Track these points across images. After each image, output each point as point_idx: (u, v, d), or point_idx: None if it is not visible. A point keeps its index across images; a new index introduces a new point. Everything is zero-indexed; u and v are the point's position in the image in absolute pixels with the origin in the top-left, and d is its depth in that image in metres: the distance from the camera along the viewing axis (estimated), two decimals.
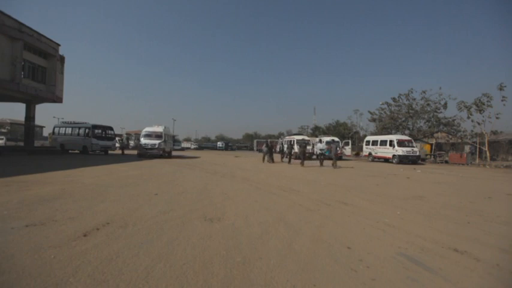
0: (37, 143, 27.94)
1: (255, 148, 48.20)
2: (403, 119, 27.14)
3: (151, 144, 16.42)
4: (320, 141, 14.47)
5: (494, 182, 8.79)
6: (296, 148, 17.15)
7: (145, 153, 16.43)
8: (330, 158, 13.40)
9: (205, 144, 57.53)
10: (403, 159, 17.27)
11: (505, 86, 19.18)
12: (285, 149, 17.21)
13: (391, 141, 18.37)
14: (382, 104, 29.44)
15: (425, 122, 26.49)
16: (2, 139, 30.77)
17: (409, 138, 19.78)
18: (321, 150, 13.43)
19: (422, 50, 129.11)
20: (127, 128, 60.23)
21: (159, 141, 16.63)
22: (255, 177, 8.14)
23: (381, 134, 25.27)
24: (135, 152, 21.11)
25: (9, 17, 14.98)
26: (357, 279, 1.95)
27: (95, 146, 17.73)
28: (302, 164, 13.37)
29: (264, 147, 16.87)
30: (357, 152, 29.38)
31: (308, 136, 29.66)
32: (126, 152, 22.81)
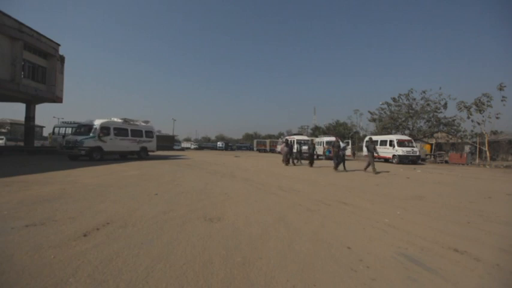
0: (37, 143, 27.90)
1: (255, 148, 48.18)
2: (403, 119, 27.13)
3: (73, 142, 12.11)
4: (342, 140, 11.99)
5: (494, 182, 8.78)
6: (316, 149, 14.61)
7: (69, 154, 12.27)
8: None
9: (205, 144, 57.47)
10: (403, 159, 17.26)
11: (505, 86, 19.17)
12: (306, 150, 14.70)
13: (391, 141, 18.37)
14: (382, 104, 29.47)
15: (425, 122, 26.50)
16: (2, 139, 30.71)
17: (409, 138, 19.78)
18: (342, 149, 11.09)
19: (423, 50, 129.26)
20: None
21: (82, 137, 12.17)
22: (255, 177, 8.14)
23: (381, 134, 25.26)
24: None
25: (9, 17, 14.97)
26: (357, 279, 1.95)
27: None
28: (336, 168, 11.14)
29: (284, 148, 14.15)
30: (353, 152, 29.14)
31: (308, 136, 29.64)
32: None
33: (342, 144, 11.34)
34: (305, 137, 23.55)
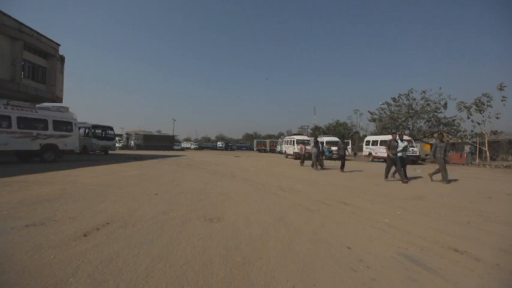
0: None
1: (255, 148, 48.25)
2: (403, 119, 27.13)
3: None
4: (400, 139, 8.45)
5: (494, 182, 8.78)
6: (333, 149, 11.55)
7: None
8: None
9: (205, 144, 57.55)
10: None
11: (505, 86, 19.16)
12: (336, 150, 11.10)
13: None
14: (382, 104, 29.48)
15: (425, 122, 26.50)
16: None
17: (409, 138, 19.77)
18: (402, 151, 8.13)
19: (423, 50, 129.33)
20: (127, 128, 60.25)
21: None
22: (255, 177, 8.14)
23: (381, 134, 25.27)
24: (132, 152, 20.94)
25: (9, 17, 14.97)
26: (357, 279, 1.95)
27: (95, 146, 17.76)
28: (403, 179, 7.77)
29: (312, 148, 11.91)
30: (354, 152, 29.13)
31: (308, 136, 29.61)
32: (126, 152, 22.79)
33: (401, 144, 8.24)
34: (305, 137, 23.49)
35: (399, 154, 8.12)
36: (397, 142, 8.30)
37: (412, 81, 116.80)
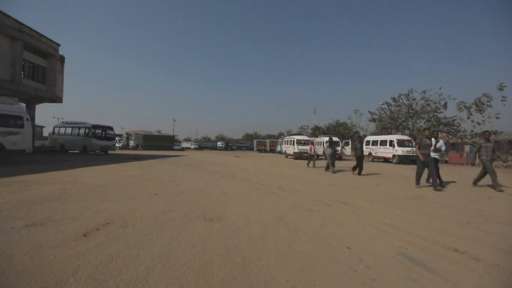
0: (37, 143, 27.92)
1: (255, 148, 48.26)
2: (403, 119, 27.12)
3: None
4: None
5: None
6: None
7: None
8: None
9: (205, 144, 57.53)
10: (403, 159, 17.26)
11: (505, 86, 19.22)
12: (357, 151, 10.00)
13: (391, 141, 18.37)
14: (382, 104, 29.47)
15: (425, 122, 26.48)
16: None
17: (409, 138, 19.78)
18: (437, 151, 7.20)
19: (423, 50, 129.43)
20: (127, 128, 60.26)
21: None
22: (255, 177, 8.14)
23: (381, 134, 25.27)
24: (134, 152, 20.89)
25: (9, 17, 14.97)
26: (357, 279, 1.95)
27: (95, 146, 17.76)
28: (438, 184, 6.61)
29: (327, 149, 10.74)
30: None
31: (308, 136, 29.62)
32: (128, 152, 22.78)
33: (435, 142, 7.14)
34: (305, 137, 23.48)
35: (433, 155, 6.89)
36: (430, 140, 6.99)
37: (412, 81, 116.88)
